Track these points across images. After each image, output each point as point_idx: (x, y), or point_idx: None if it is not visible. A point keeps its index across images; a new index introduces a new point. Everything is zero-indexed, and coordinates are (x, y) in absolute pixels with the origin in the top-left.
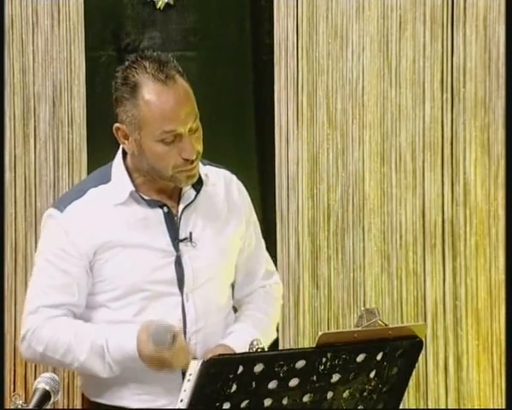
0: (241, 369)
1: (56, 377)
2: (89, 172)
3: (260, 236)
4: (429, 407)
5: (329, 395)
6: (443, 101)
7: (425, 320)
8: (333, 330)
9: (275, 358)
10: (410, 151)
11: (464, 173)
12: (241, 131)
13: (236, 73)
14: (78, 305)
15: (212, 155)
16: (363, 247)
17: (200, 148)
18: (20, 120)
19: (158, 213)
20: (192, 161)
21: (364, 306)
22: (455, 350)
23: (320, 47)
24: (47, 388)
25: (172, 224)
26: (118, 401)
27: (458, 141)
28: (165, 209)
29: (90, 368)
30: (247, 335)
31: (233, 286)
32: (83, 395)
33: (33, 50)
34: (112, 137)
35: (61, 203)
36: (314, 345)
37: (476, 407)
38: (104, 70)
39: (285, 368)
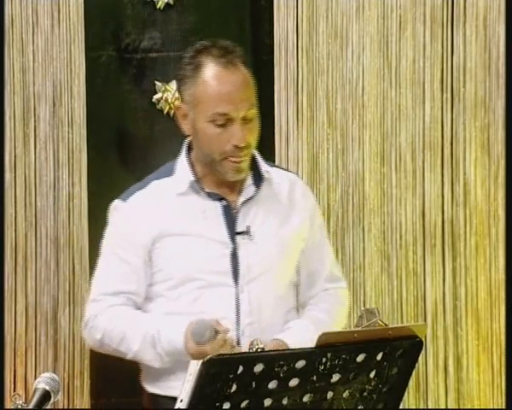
0: (241, 369)
1: (56, 377)
2: (89, 172)
3: (326, 239)
4: (429, 407)
5: (329, 395)
6: (443, 101)
7: (425, 320)
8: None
9: (275, 358)
10: (410, 151)
11: (464, 173)
12: None
13: None
14: (137, 294)
15: None
16: (363, 247)
17: (252, 140)
18: (20, 120)
19: (217, 206)
20: (241, 149)
21: (364, 306)
22: (455, 350)
23: (320, 47)
24: (47, 388)
25: (230, 217)
26: (172, 392)
27: (458, 141)
28: (224, 202)
29: (142, 358)
30: (305, 331)
31: (296, 288)
32: (142, 387)
33: (33, 50)
34: (112, 137)
35: (125, 194)
36: (314, 345)
37: (476, 407)
38: (104, 70)
39: (285, 368)
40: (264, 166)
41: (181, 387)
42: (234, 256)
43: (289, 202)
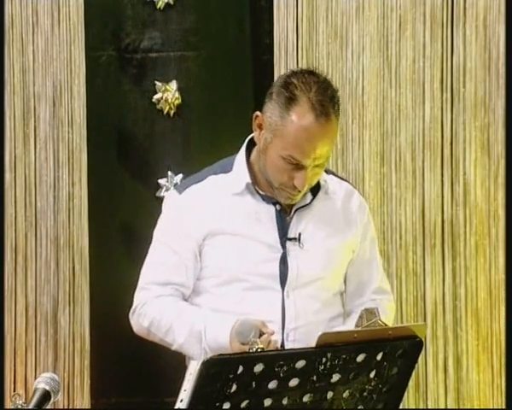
0: (241, 369)
1: (56, 377)
2: (89, 172)
3: (377, 253)
4: (429, 407)
5: (329, 395)
6: (443, 101)
7: (425, 320)
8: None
9: (275, 358)
10: (409, 151)
11: (464, 173)
12: (241, 131)
13: (236, 73)
14: (186, 286)
15: (212, 155)
16: None
17: (315, 180)
18: (20, 120)
19: (270, 210)
20: (300, 191)
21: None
22: (454, 350)
23: (320, 47)
24: (47, 388)
25: (283, 222)
26: None
27: (458, 141)
28: (278, 207)
29: (187, 351)
30: None
31: (343, 297)
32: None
33: (33, 50)
34: (112, 137)
35: (182, 186)
36: (314, 345)
37: (476, 407)
38: (104, 70)
39: (285, 368)
40: (323, 174)
41: (181, 387)
42: (283, 261)
43: (343, 212)
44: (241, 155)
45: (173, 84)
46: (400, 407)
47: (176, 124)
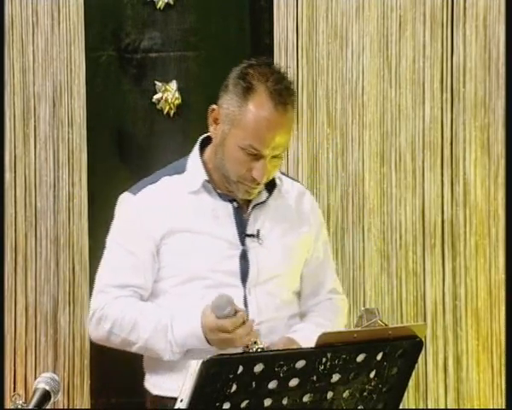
0: (241, 369)
1: (56, 377)
2: (89, 172)
3: (330, 255)
4: (429, 407)
5: (329, 395)
6: (443, 101)
7: (425, 320)
8: (333, 330)
9: (275, 358)
10: (409, 151)
11: (464, 173)
12: None
13: None
14: (144, 287)
15: None
16: (363, 247)
17: (273, 173)
18: (20, 120)
19: (228, 207)
20: (259, 182)
21: (364, 306)
22: (454, 350)
23: (320, 47)
24: (47, 388)
25: (241, 219)
26: (177, 393)
27: (458, 141)
28: (235, 204)
29: (152, 347)
30: (312, 333)
31: (299, 297)
32: (147, 391)
33: (33, 50)
34: (112, 137)
35: (136, 188)
36: (314, 345)
37: (476, 407)
38: (104, 70)
39: (285, 368)
40: (277, 173)
41: (181, 387)
42: (243, 258)
43: (296, 211)
44: (195, 154)
45: (173, 84)
46: (400, 407)
47: (176, 124)
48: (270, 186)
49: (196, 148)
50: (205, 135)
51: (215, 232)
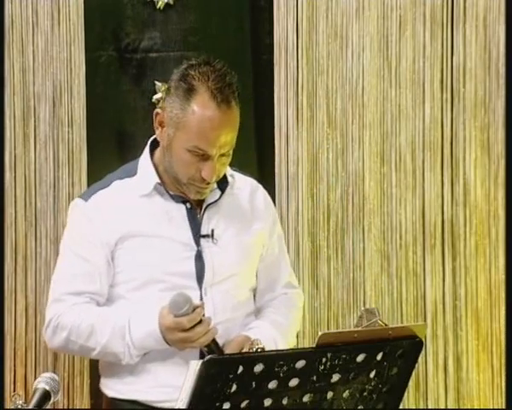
0: (241, 369)
1: (56, 377)
2: (89, 172)
3: (284, 249)
4: (429, 407)
5: (329, 395)
6: (443, 101)
7: (425, 320)
8: (333, 330)
9: (275, 358)
10: (409, 151)
11: (464, 173)
12: (241, 131)
13: (236, 73)
14: (100, 294)
15: None
16: (363, 247)
17: (223, 171)
18: (20, 120)
19: (181, 209)
20: (208, 183)
21: (364, 306)
22: (454, 350)
23: (320, 47)
24: (47, 388)
25: (195, 220)
26: (133, 395)
27: (458, 141)
28: (188, 205)
29: (110, 351)
30: (266, 331)
31: (254, 293)
32: (103, 394)
33: (33, 50)
34: (112, 137)
35: (86, 194)
36: (314, 345)
37: (476, 407)
38: (104, 70)
39: (285, 368)
40: (228, 170)
41: (181, 387)
42: (198, 259)
43: (250, 207)
44: (145, 157)
45: None
46: (400, 407)
47: None
48: (223, 184)
49: (146, 150)
50: (154, 137)
51: (169, 235)
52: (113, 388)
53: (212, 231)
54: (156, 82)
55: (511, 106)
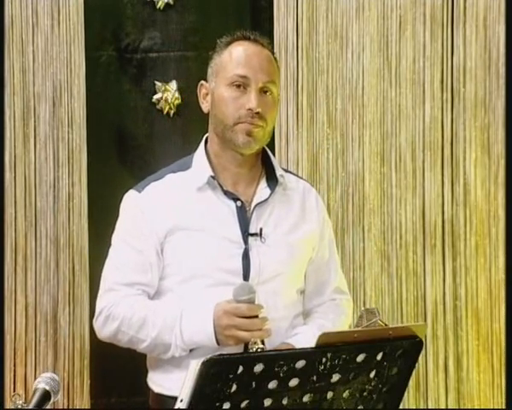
0: (241, 369)
1: (56, 377)
2: (89, 172)
3: (335, 254)
4: (429, 407)
5: (329, 395)
6: (443, 101)
7: (425, 320)
8: (333, 330)
9: (275, 358)
10: (410, 151)
11: (464, 173)
12: None
13: None
14: (151, 285)
15: None
16: (363, 247)
17: (267, 112)
18: (20, 120)
19: (231, 206)
20: (254, 115)
21: (364, 306)
22: (455, 350)
23: (320, 47)
24: (47, 388)
25: (244, 217)
26: (176, 392)
27: (458, 141)
28: (239, 203)
29: (159, 342)
30: (314, 338)
31: (303, 296)
32: (150, 389)
33: (33, 50)
34: (112, 137)
35: (140, 185)
36: (314, 345)
37: (476, 407)
38: (104, 70)
39: (285, 368)
40: (278, 169)
41: (181, 387)
42: (245, 257)
43: (302, 209)
44: (201, 151)
45: (173, 84)
46: (400, 407)
47: (176, 124)
48: (273, 184)
49: (202, 144)
50: (207, 134)
51: (218, 231)
52: (159, 383)
53: (261, 229)
54: (156, 82)
55: (511, 106)
